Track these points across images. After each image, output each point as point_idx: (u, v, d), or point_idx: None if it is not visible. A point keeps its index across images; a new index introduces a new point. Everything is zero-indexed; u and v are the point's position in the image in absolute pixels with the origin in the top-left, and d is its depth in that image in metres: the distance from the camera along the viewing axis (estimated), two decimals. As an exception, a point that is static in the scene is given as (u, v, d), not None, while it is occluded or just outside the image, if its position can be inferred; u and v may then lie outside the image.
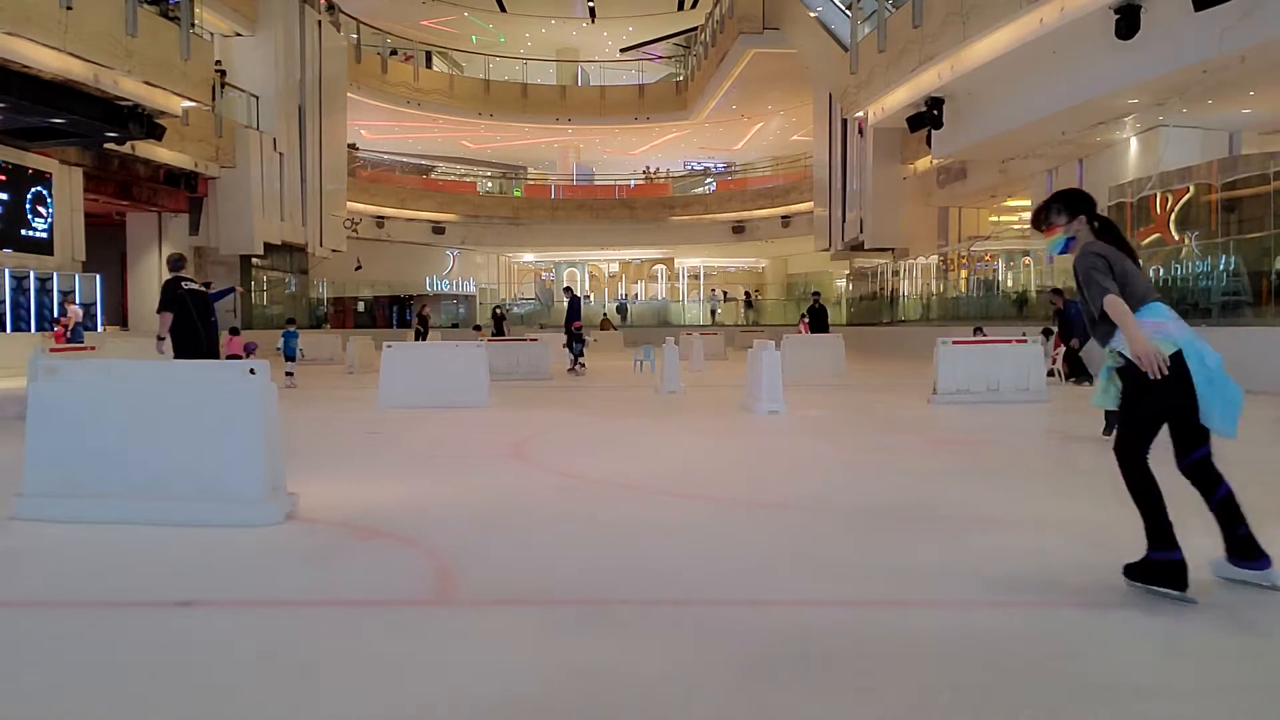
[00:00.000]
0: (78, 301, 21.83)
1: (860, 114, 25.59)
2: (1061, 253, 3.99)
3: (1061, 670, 2.94)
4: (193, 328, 9.20)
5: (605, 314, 39.19)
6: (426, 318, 28.13)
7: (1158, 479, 3.59)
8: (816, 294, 24.19)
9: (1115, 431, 3.75)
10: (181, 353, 9.13)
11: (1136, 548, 3.65)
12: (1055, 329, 15.54)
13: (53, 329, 20.56)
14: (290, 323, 18.03)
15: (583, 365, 18.59)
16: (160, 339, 9.18)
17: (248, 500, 4.85)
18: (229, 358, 14.55)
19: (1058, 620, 3.48)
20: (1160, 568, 3.57)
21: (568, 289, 20.40)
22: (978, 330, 16.05)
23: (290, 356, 16.21)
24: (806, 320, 22.41)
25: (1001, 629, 3.34)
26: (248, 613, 3.60)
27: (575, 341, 18.40)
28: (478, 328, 31.93)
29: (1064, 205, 3.95)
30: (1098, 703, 2.71)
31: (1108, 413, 6.75)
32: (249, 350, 13.52)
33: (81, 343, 17.67)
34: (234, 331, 15.08)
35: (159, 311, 9.21)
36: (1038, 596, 3.76)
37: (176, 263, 9.52)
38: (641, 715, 2.65)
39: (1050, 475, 6.91)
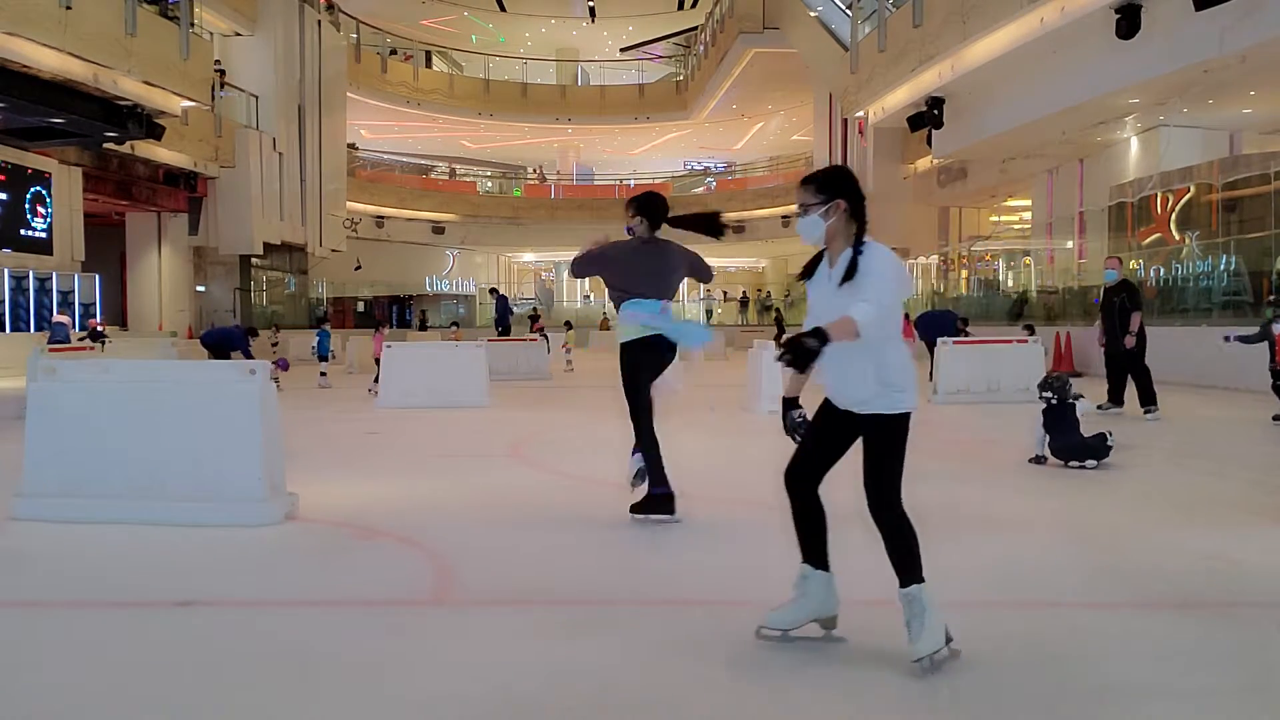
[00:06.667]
0: (58, 306, 20.62)
1: (860, 114, 25.56)
2: None
3: (1061, 670, 2.94)
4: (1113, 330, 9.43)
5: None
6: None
7: None
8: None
9: None
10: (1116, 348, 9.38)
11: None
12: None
13: (81, 329, 20.29)
14: (322, 322, 17.52)
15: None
16: (1131, 334, 9.13)
17: (247, 500, 4.85)
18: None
19: (1058, 620, 3.48)
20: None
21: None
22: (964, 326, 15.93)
23: (324, 357, 15.72)
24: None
25: (1002, 629, 3.34)
26: (248, 613, 3.60)
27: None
28: (455, 325, 31.29)
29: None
30: (1098, 703, 2.71)
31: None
32: (282, 366, 11.99)
33: (66, 342, 17.26)
34: (379, 327, 15.08)
35: (1132, 311, 9.18)
36: (1038, 596, 3.76)
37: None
38: (640, 715, 2.65)
39: (1049, 475, 6.90)
